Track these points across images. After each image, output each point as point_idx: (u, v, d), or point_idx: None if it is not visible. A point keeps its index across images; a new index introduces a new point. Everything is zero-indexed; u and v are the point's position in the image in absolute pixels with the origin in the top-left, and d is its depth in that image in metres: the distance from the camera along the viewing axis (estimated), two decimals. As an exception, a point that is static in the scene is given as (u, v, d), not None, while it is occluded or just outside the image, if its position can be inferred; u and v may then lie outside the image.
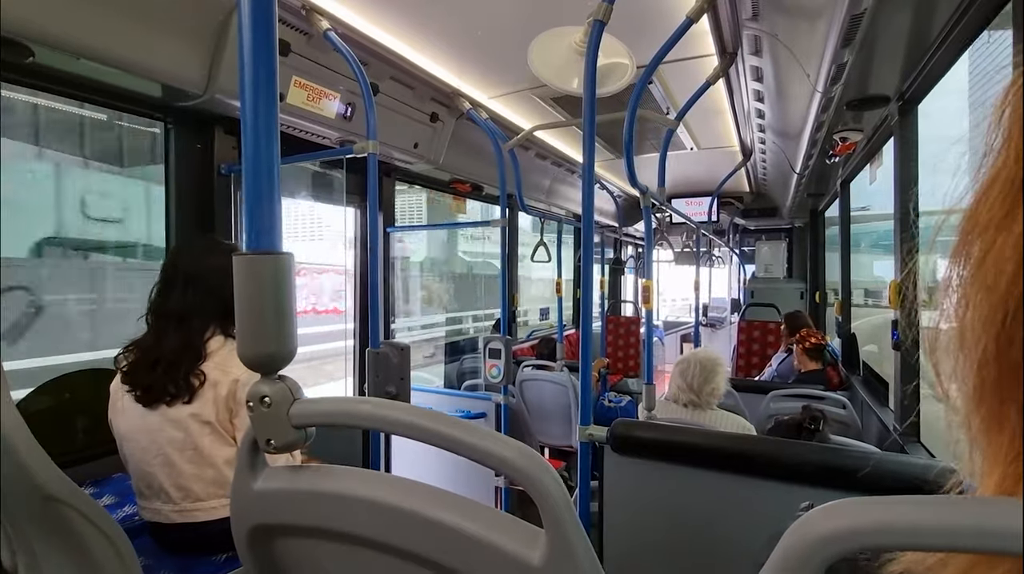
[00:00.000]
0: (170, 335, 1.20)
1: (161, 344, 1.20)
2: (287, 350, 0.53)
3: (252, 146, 0.52)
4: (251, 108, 0.52)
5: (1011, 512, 0.23)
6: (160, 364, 1.18)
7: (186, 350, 1.19)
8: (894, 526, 0.28)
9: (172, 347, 1.19)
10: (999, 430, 0.23)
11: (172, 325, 1.21)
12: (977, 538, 0.25)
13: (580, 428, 1.32)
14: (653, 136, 3.17)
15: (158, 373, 1.17)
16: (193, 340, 1.20)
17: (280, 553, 0.56)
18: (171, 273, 1.25)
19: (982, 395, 0.23)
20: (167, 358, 1.18)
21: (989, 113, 0.23)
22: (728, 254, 6.17)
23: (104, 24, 1.31)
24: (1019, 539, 0.23)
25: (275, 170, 0.54)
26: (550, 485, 0.41)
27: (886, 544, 0.29)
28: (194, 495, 1.19)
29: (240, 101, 0.52)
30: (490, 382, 2.50)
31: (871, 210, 3.58)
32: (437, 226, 4.07)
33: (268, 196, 0.53)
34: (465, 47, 2.01)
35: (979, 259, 0.22)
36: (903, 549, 0.30)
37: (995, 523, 0.24)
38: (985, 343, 0.22)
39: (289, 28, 1.65)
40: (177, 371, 1.17)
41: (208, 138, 1.83)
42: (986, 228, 0.22)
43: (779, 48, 1.72)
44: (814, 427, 1.38)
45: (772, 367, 3.58)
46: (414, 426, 0.45)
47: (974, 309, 0.23)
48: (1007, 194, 0.21)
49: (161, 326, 1.22)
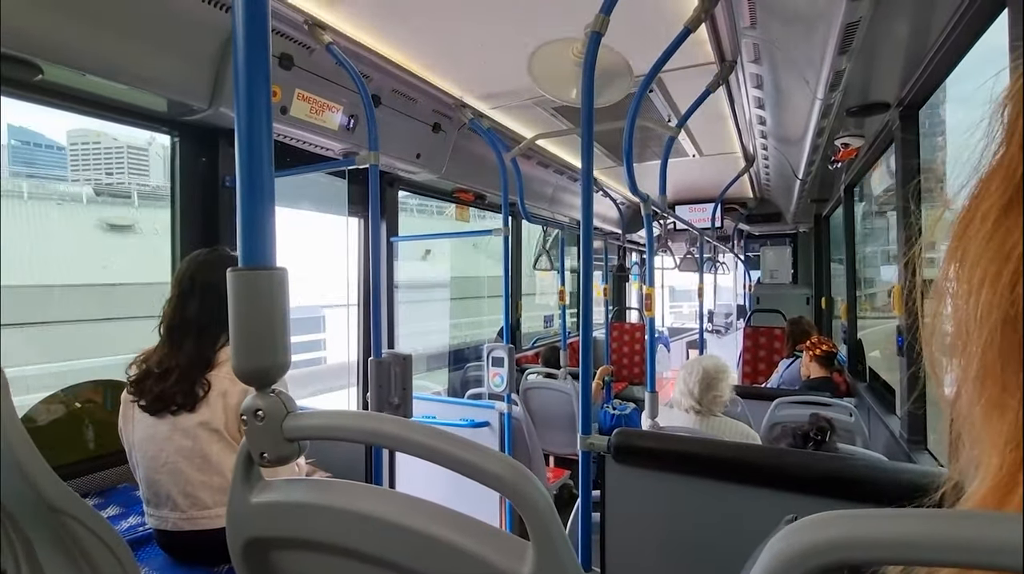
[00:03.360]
0: (187, 346, 1.22)
1: (178, 355, 1.22)
2: (281, 364, 0.54)
3: (247, 162, 0.53)
4: (245, 124, 0.53)
5: (1003, 526, 0.23)
6: (173, 374, 1.20)
7: (199, 360, 1.22)
8: (878, 540, 0.28)
9: (188, 357, 1.21)
10: (1001, 417, 0.23)
11: (190, 336, 1.23)
12: (966, 553, 0.25)
13: (581, 437, 1.32)
14: (655, 143, 3.18)
15: (169, 383, 1.20)
16: (206, 350, 1.23)
17: (275, 567, 0.56)
18: (187, 285, 1.27)
19: (984, 383, 0.24)
20: (182, 368, 1.20)
21: (992, 109, 0.24)
22: (733, 260, 6.15)
23: (110, 41, 1.34)
24: (1016, 554, 0.22)
25: (269, 186, 0.55)
26: (536, 497, 0.41)
27: (869, 558, 0.29)
28: (201, 503, 1.21)
29: (235, 117, 0.53)
30: (493, 391, 2.49)
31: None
32: (439, 235, 4.09)
33: (262, 212, 0.54)
34: (466, 59, 2.03)
35: (982, 246, 0.23)
36: (887, 563, 0.30)
37: (984, 536, 0.24)
38: (988, 330, 0.23)
39: (292, 42, 1.68)
40: (189, 381, 1.20)
41: (213, 151, 1.86)
42: (986, 216, 0.23)
43: (778, 56, 1.72)
44: (821, 437, 1.37)
45: (779, 373, 3.55)
46: (401, 439, 0.45)
47: (977, 295, 0.23)
48: (1008, 182, 0.22)
49: (177, 337, 1.24)
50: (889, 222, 2.98)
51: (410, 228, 3.14)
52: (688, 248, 5.80)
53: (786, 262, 5.54)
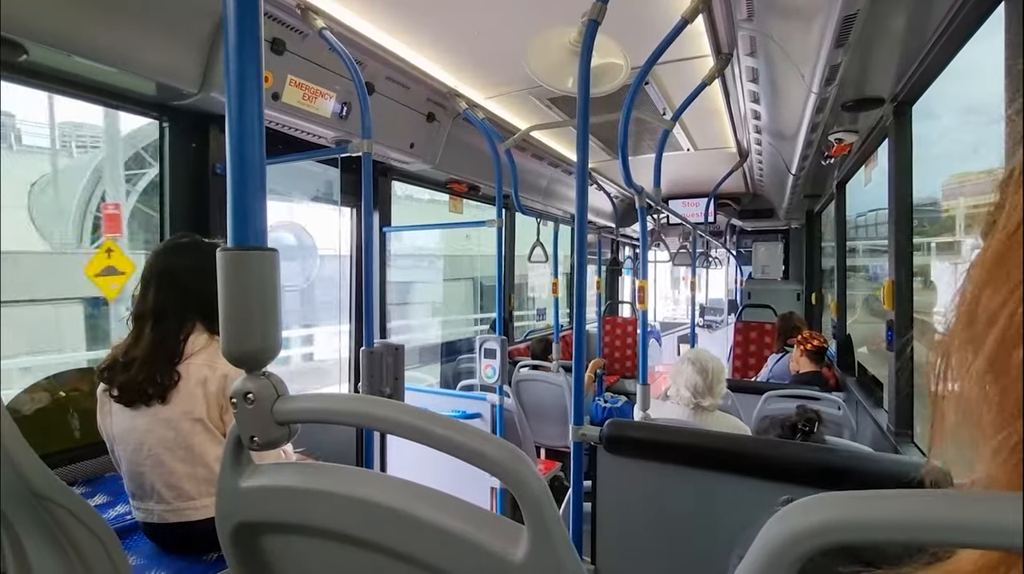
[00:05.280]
0: (147, 335, 1.21)
1: (138, 344, 1.20)
2: (272, 346, 0.53)
3: (237, 140, 0.52)
4: (236, 101, 0.52)
5: (1002, 505, 0.23)
6: (135, 363, 1.18)
7: (159, 349, 1.19)
8: (875, 520, 0.28)
9: (146, 347, 1.19)
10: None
11: (148, 325, 1.21)
12: (965, 532, 0.25)
13: (573, 428, 1.32)
14: (650, 137, 3.17)
15: (132, 373, 1.18)
16: (167, 339, 1.20)
17: (264, 550, 0.55)
18: (147, 274, 1.25)
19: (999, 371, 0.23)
20: (141, 358, 1.18)
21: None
22: (725, 255, 6.18)
23: (97, 21, 1.31)
24: (1017, 533, 0.22)
25: (261, 172, 0.53)
26: (530, 480, 0.41)
27: (866, 539, 0.29)
28: (186, 494, 1.19)
29: (226, 94, 0.52)
30: (485, 382, 2.49)
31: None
32: (433, 226, 4.07)
33: (254, 191, 0.53)
34: (462, 47, 2.01)
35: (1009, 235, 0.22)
36: (885, 544, 0.29)
37: (984, 516, 0.24)
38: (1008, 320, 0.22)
39: (284, 27, 1.65)
40: (152, 370, 1.18)
41: (203, 137, 1.83)
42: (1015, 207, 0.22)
43: (774, 49, 1.72)
44: (808, 429, 1.38)
45: (768, 368, 3.58)
46: (394, 421, 0.44)
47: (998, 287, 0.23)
48: None
49: (139, 327, 1.23)
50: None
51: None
52: (681, 242, 5.82)
53: (777, 258, 5.59)
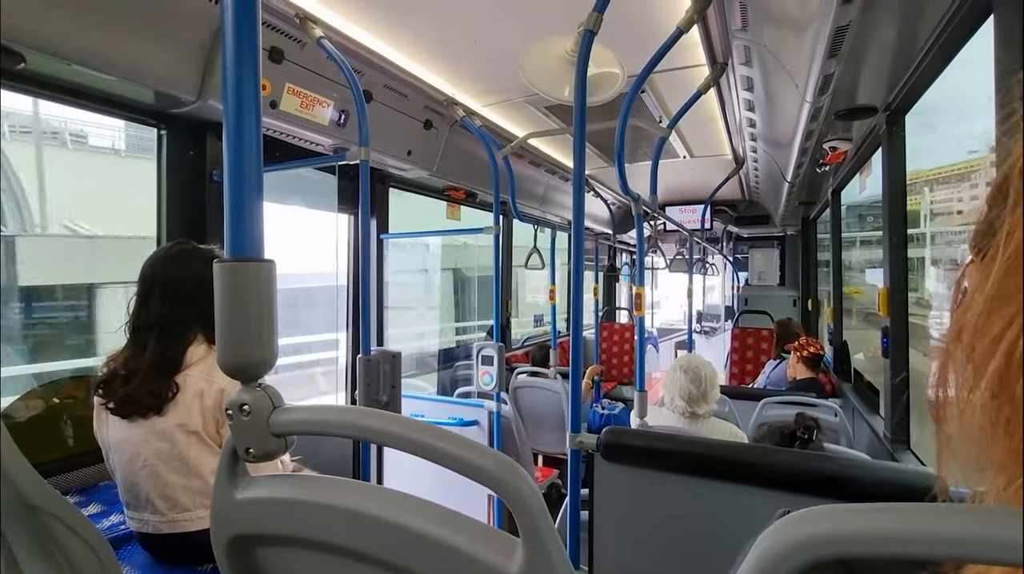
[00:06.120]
0: (150, 346, 1.17)
1: (142, 356, 1.17)
2: (268, 358, 0.53)
3: (234, 149, 0.52)
4: (233, 110, 0.52)
5: (1002, 521, 0.23)
6: (137, 376, 1.16)
7: (164, 361, 1.17)
8: (874, 533, 0.28)
9: (152, 358, 1.16)
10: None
11: (152, 336, 1.18)
12: (965, 546, 0.25)
13: (570, 436, 1.32)
14: (647, 144, 3.19)
15: (134, 385, 1.15)
16: (171, 351, 1.18)
17: (259, 563, 0.55)
18: (148, 283, 1.21)
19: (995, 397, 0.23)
20: (146, 370, 1.16)
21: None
22: (722, 261, 6.21)
23: (96, 30, 1.31)
24: (1017, 548, 0.22)
25: (258, 175, 0.53)
26: (526, 493, 0.41)
27: (863, 553, 0.29)
28: (181, 506, 1.18)
29: (223, 104, 0.52)
30: (483, 389, 2.49)
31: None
32: (431, 233, 4.07)
33: (251, 202, 0.53)
34: (459, 55, 2.02)
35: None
36: (883, 557, 0.30)
37: (985, 531, 0.24)
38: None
39: (283, 36, 1.66)
40: (154, 383, 1.15)
41: (200, 144, 1.83)
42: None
43: (768, 58, 1.74)
44: (807, 436, 1.38)
45: (765, 374, 3.58)
46: (391, 434, 0.44)
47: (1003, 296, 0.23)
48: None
49: (141, 338, 1.19)
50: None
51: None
52: (678, 249, 5.84)
53: (774, 264, 5.61)
